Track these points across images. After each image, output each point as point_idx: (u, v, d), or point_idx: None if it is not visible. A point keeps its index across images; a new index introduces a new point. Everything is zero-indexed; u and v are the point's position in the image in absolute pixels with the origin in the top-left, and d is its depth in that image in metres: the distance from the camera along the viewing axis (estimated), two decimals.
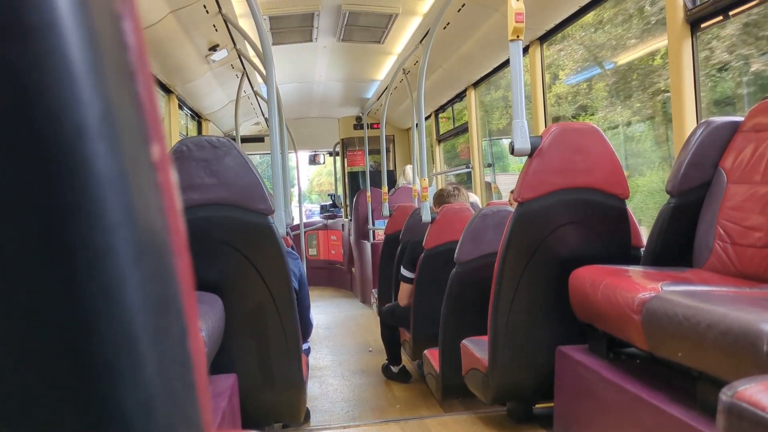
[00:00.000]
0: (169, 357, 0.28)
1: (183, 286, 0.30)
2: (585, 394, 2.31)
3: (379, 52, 6.23)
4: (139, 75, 0.26)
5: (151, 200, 0.27)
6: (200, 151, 2.36)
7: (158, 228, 0.27)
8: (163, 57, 4.57)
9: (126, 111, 0.26)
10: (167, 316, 0.29)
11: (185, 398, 0.30)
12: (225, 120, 7.62)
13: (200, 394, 0.32)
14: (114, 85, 0.25)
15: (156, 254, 0.27)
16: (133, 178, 0.26)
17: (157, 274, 0.27)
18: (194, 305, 0.32)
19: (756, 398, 0.94)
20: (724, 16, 2.89)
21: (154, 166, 0.27)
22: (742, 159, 2.28)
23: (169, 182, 0.29)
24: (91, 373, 0.25)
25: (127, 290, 0.25)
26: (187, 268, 0.31)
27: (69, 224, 0.23)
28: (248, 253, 2.40)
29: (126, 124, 0.25)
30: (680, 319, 1.65)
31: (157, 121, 0.28)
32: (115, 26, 0.25)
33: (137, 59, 0.26)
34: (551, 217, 2.49)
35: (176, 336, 0.30)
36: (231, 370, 2.38)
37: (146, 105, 0.27)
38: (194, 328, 0.32)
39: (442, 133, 7.92)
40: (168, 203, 0.28)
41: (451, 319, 3.16)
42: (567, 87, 6.09)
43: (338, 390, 4.11)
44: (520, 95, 2.47)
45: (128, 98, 0.26)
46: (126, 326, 0.25)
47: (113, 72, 0.25)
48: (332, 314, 7.17)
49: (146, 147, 0.27)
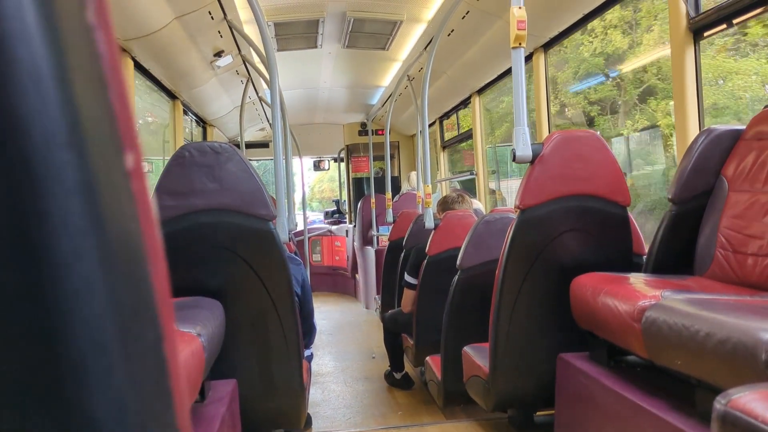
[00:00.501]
0: (142, 363, 0.29)
1: (158, 292, 0.31)
2: (586, 401, 2.30)
3: (383, 58, 6.24)
4: (111, 84, 0.27)
5: (123, 208, 0.28)
6: (202, 156, 2.37)
7: (131, 235, 0.28)
8: (168, 63, 4.59)
9: (98, 120, 0.26)
10: (140, 322, 0.29)
11: (159, 404, 0.30)
12: (230, 126, 7.65)
13: (176, 400, 0.32)
14: (84, 95, 0.25)
15: (128, 261, 0.28)
16: (104, 186, 0.26)
17: (129, 281, 0.28)
18: (171, 311, 0.32)
19: (749, 407, 0.94)
20: (728, 25, 2.89)
21: (128, 174, 0.28)
22: (743, 167, 2.28)
23: (144, 190, 0.29)
24: (61, 378, 0.25)
25: (97, 296, 0.26)
26: (162, 274, 0.31)
27: (36, 230, 0.24)
28: (250, 259, 2.40)
29: (97, 133, 0.26)
30: (680, 328, 1.65)
31: (131, 130, 0.28)
32: (86, 36, 0.26)
33: (110, 69, 0.27)
34: (552, 224, 2.49)
35: (150, 342, 0.30)
36: (231, 376, 2.39)
37: (119, 114, 0.27)
38: (170, 334, 0.32)
39: (447, 140, 7.93)
40: (142, 210, 0.29)
41: (453, 325, 3.16)
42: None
43: (340, 396, 4.11)
44: (522, 102, 2.47)
45: (100, 107, 0.26)
46: (95, 332, 0.26)
47: (84, 81, 0.25)
48: (335, 320, 7.17)
49: (119, 155, 0.27)
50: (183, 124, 5.57)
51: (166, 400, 0.31)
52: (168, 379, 0.31)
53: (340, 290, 9.35)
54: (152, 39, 3.88)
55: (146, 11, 3.62)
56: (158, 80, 4.79)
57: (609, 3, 3.75)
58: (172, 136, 5.42)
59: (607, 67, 6.95)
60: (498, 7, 4.17)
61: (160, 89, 5.00)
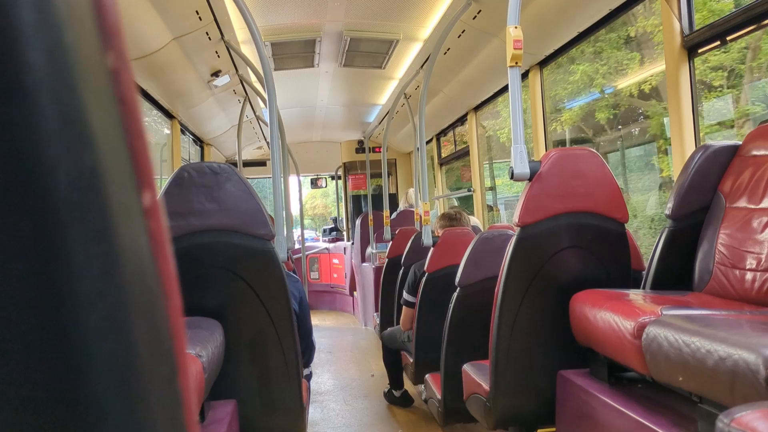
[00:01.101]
0: (158, 398, 0.29)
1: (173, 327, 0.31)
2: (586, 418, 2.29)
3: (380, 77, 6.28)
4: (130, 126, 0.28)
5: (141, 246, 0.28)
6: (201, 176, 2.38)
7: (148, 273, 0.28)
8: (165, 83, 4.62)
9: (117, 162, 0.27)
10: (157, 359, 0.29)
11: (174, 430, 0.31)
12: (227, 144, 7.67)
13: (190, 428, 0.33)
14: (105, 138, 0.26)
15: (145, 298, 0.28)
16: (123, 226, 0.27)
17: (147, 318, 0.28)
18: (184, 345, 0.33)
19: (753, 425, 0.94)
20: (722, 42, 2.93)
21: (145, 213, 0.28)
22: (740, 183, 2.29)
23: (160, 227, 0.30)
24: (81, 416, 0.25)
25: (116, 334, 0.26)
26: (177, 309, 0.31)
27: (59, 272, 0.24)
28: (249, 279, 2.40)
29: (117, 174, 0.27)
30: (680, 344, 1.65)
31: (148, 169, 0.29)
32: (107, 81, 0.27)
33: (130, 113, 0.28)
34: (551, 241, 2.49)
35: (166, 377, 0.30)
36: (231, 396, 2.38)
37: (137, 154, 0.28)
38: (184, 367, 0.32)
39: (444, 157, 7.95)
40: (158, 248, 0.29)
41: (453, 343, 3.15)
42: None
43: (340, 415, 4.08)
44: (519, 121, 2.49)
45: (119, 149, 0.27)
46: (115, 370, 0.26)
47: (104, 125, 0.26)
48: (334, 338, 7.15)
49: (137, 194, 0.28)
50: (181, 144, 5.58)
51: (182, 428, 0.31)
52: (183, 411, 0.32)
53: (338, 308, 9.33)
54: (150, 59, 3.90)
55: (144, 32, 3.65)
56: (156, 100, 4.81)
57: (604, 21, 3.78)
58: (170, 156, 5.43)
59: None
60: (494, 26, 4.21)
61: (158, 109, 5.02)
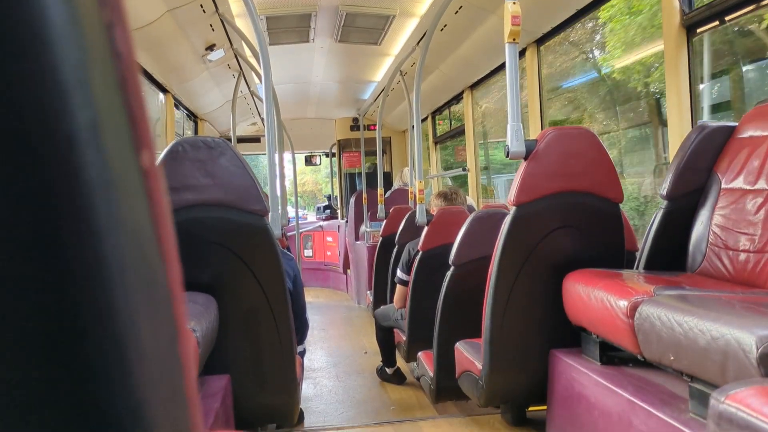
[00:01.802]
0: (158, 363, 0.29)
1: (173, 291, 0.30)
2: (578, 397, 2.31)
3: (376, 53, 6.23)
4: (128, 82, 0.27)
5: (139, 207, 0.27)
6: (195, 151, 2.36)
7: (147, 235, 0.28)
8: (159, 56, 4.57)
9: (115, 119, 0.26)
10: (156, 323, 0.29)
11: (175, 404, 0.30)
12: (221, 120, 7.62)
13: (190, 399, 0.32)
14: (104, 94, 0.25)
15: (144, 261, 0.27)
16: (122, 185, 0.26)
17: (145, 281, 0.28)
18: (183, 310, 0.32)
19: (747, 402, 0.94)
20: (720, 21, 2.91)
21: (143, 173, 0.28)
22: (736, 164, 2.29)
23: (158, 189, 0.29)
24: (80, 380, 0.25)
25: (116, 297, 0.25)
26: (176, 273, 0.31)
27: (59, 233, 0.24)
28: (243, 254, 2.40)
29: (115, 132, 0.26)
30: (672, 324, 1.66)
31: (146, 128, 0.28)
32: (105, 35, 0.26)
33: (127, 68, 0.27)
34: (546, 220, 2.49)
35: (166, 342, 0.30)
36: (224, 371, 2.38)
37: (136, 112, 0.27)
38: (183, 333, 0.32)
39: (439, 135, 7.93)
40: (157, 210, 0.28)
41: (446, 321, 3.16)
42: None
43: (333, 391, 4.11)
44: (516, 98, 2.47)
45: (118, 107, 0.26)
46: (114, 333, 0.25)
47: (103, 80, 0.25)
48: (327, 315, 7.17)
49: (135, 154, 0.27)
50: (175, 118, 5.54)
51: (181, 400, 0.31)
52: (183, 378, 0.31)
53: (332, 286, 9.35)
54: (143, 32, 3.85)
55: (137, 4, 3.60)
56: (149, 74, 4.76)
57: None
58: (163, 131, 5.39)
59: None
60: (491, 3, 4.17)
61: (152, 82, 4.97)
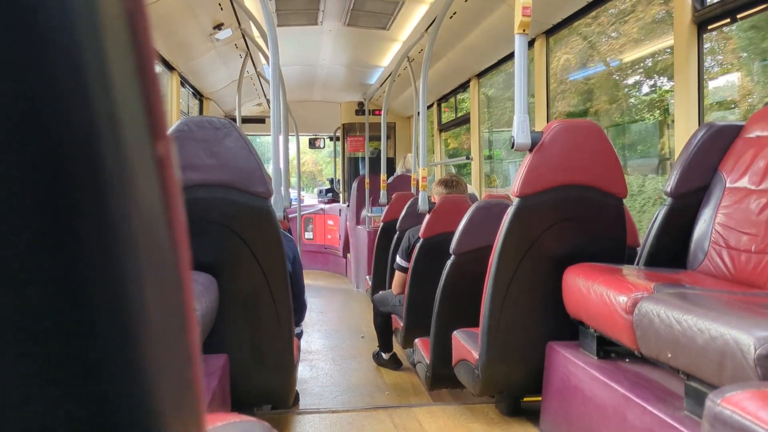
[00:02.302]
0: (167, 349, 0.29)
1: (183, 280, 0.31)
2: (573, 390, 2.32)
3: (384, 38, 6.20)
4: (145, 72, 0.27)
5: (153, 196, 0.27)
6: (201, 131, 2.36)
7: (160, 224, 0.28)
8: (166, 33, 4.55)
9: (132, 109, 0.26)
10: (167, 310, 0.29)
11: (182, 389, 0.31)
12: (227, 99, 7.60)
13: (196, 384, 0.32)
14: (121, 83, 0.25)
15: (156, 249, 0.27)
16: (137, 174, 0.26)
17: (157, 269, 0.28)
18: (191, 298, 0.32)
19: (742, 405, 0.95)
20: (732, 19, 2.89)
21: (158, 162, 0.28)
22: (741, 164, 2.29)
23: (172, 178, 0.29)
24: (92, 367, 0.25)
25: (127, 284, 0.25)
26: (186, 262, 0.31)
27: (74, 221, 0.24)
28: (245, 236, 2.40)
29: (132, 121, 0.26)
30: (671, 321, 1.66)
31: (162, 118, 0.28)
32: (124, 24, 0.25)
33: (145, 57, 0.27)
34: (548, 213, 2.49)
35: (175, 329, 0.30)
36: (222, 351, 2.39)
37: (152, 102, 0.27)
38: (192, 320, 0.32)
39: (444, 123, 7.91)
40: (170, 199, 0.28)
41: (444, 309, 3.17)
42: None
43: (328, 374, 4.13)
44: (524, 89, 2.46)
45: (135, 96, 0.26)
46: (125, 320, 0.26)
47: (120, 70, 0.25)
48: (326, 299, 7.19)
49: (151, 143, 0.27)
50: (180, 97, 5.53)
51: (188, 385, 0.31)
52: (190, 364, 0.31)
53: (331, 269, 9.36)
54: (152, 8, 3.83)
55: None
56: (156, 50, 4.74)
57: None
58: (168, 109, 5.38)
59: None
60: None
61: (158, 60, 4.96)
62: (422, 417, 2.82)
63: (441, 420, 2.78)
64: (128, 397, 0.26)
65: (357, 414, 2.95)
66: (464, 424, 2.73)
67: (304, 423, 2.82)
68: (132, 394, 0.26)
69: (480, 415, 2.80)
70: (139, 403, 0.26)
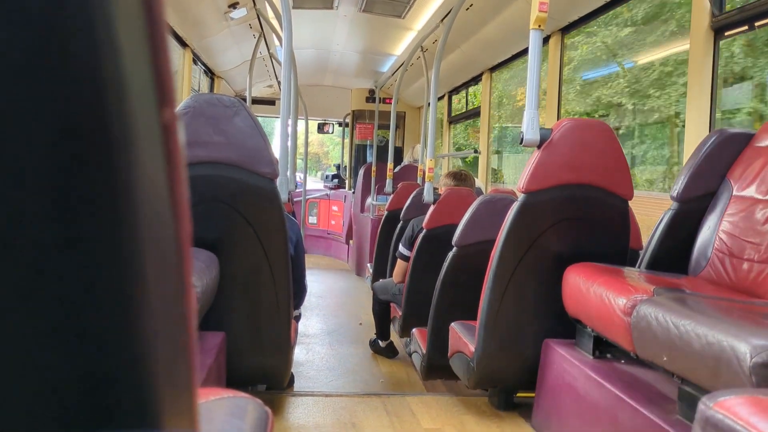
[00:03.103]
0: (163, 316, 0.29)
1: (182, 248, 0.31)
2: (567, 388, 2.33)
3: (398, 26, 6.17)
4: (156, 39, 0.27)
5: (157, 162, 0.27)
6: (211, 108, 2.36)
7: (161, 191, 0.28)
8: (181, 10, 4.54)
9: (141, 75, 0.26)
10: (164, 277, 0.29)
11: (177, 358, 0.31)
12: (238, 79, 7.58)
13: (190, 355, 0.33)
14: (131, 49, 0.25)
15: (157, 216, 0.27)
16: (143, 139, 0.26)
17: (156, 235, 0.28)
18: (191, 269, 0.32)
19: (734, 410, 0.95)
20: (749, 26, 2.87)
21: (164, 129, 0.28)
22: (750, 172, 2.28)
23: (177, 146, 0.29)
24: (86, 330, 0.25)
25: (125, 249, 0.26)
26: (187, 231, 0.31)
27: (78, 181, 0.24)
28: (249, 216, 2.40)
29: (140, 87, 0.26)
30: (669, 325, 1.66)
31: (170, 85, 0.28)
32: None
33: (155, 24, 0.27)
34: (553, 210, 2.49)
35: (171, 296, 0.30)
36: (220, 329, 2.40)
37: (161, 69, 0.27)
38: (189, 289, 0.32)
39: (454, 115, 7.88)
40: (173, 167, 0.29)
41: (443, 300, 3.17)
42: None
43: (324, 358, 4.14)
44: (536, 85, 2.45)
45: (144, 62, 0.26)
46: (122, 283, 0.26)
47: (131, 36, 0.25)
48: (326, 284, 7.20)
49: (158, 110, 0.27)
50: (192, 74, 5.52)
51: (183, 355, 0.31)
52: (186, 334, 0.31)
53: (333, 254, 9.38)
54: None
55: None
56: (170, 26, 4.73)
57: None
58: (179, 85, 5.38)
59: None
60: None
61: (172, 36, 4.95)
62: (415, 406, 2.83)
63: (433, 410, 2.80)
64: (122, 362, 0.26)
65: (350, 399, 2.96)
66: (456, 415, 2.74)
67: (297, 404, 2.83)
68: (126, 359, 0.26)
69: (472, 408, 2.81)
70: (132, 369, 0.26)
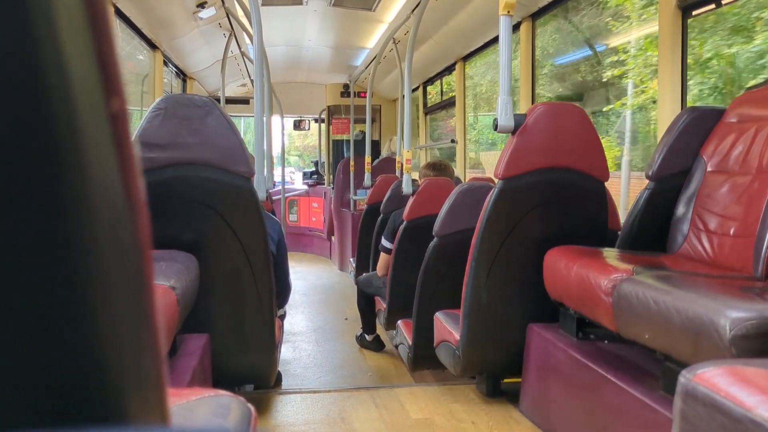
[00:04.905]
0: (125, 316, 0.28)
1: (141, 240, 0.30)
2: (553, 371, 2.35)
3: (369, 19, 6.15)
4: (98, 22, 0.26)
5: (107, 152, 0.27)
6: (183, 109, 2.33)
7: (113, 180, 0.27)
8: (149, 10, 4.48)
9: (84, 64, 0.25)
10: (122, 272, 0.28)
11: (142, 356, 0.30)
12: (211, 80, 7.52)
13: (156, 353, 0.32)
14: (70, 34, 0.24)
15: (109, 205, 0.27)
16: (89, 129, 0.25)
17: (111, 226, 0.27)
18: (151, 262, 0.32)
19: (713, 381, 0.96)
20: (716, 4, 2.89)
21: (112, 117, 0.27)
22: (723, 148, 2.30)
23: (127, 135, 0.28)
24: (45, 328, 0.24)
25: (81, 247, 0.25)
26: (144, 222, 0.30)
27: (22, 170, 0.23)
28: (226, 215, 2.39)
29: (83, 73, 0.25)
30: (649, 302, 1.67)
31: (116, 74, 0.27)
32: None
33: (98, 10, 0.26)
34: (530, 195, 2.50)
35: (134, 295, 0.29)
36: (203, 330, 2.39)
37: (105, 54, 0.26)
38: (151, 285, 0.31)
39: (429, 106, 7.88)
40: (124, 156, 0.28)
41: (427, 291, 3.18)
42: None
43: (311, 355, 4.14)
44: (507, 71, 2.45)
45: (86, 48, 0.25)
46: (77, 278, 0.25)
47: (69, 20, 0.24)
48: (310, 281, 7.18)
49: (104, 98, 0.27)
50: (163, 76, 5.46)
51: (147, 352, 0.30)
52: (149, 331, 0.31)
53: (315, 251, 9.36)
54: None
55: None
56: (138, 29, 4.67)
57: None
58: (151, 87, 5.32)
59: None
60: None
61: (141, 38, 4.89)
62: (404, 398, 2.84)
63: (422, 401, 2.80)
64: (84, 361, 0.25)
65: (339, 394, 2.96)
66: (445, 404, 2.75)
67: (285, 403, 2.82)
68: (87, 358, 0.25)
69: (461, 396, 2.83)
70: (95, 368, 0.26)
